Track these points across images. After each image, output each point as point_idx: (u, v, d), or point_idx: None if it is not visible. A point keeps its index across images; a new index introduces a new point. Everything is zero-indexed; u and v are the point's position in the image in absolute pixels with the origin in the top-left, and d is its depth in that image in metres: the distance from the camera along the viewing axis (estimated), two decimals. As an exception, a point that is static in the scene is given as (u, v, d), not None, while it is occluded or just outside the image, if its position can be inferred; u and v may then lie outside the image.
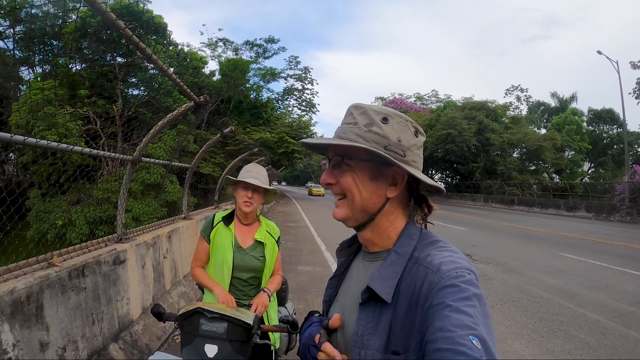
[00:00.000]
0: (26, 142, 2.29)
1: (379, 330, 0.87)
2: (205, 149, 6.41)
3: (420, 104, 52.58)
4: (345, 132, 0.95)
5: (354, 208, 0.96)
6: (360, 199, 0.95)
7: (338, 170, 0.98)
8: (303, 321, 1.22)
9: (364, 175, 0.95)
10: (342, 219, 1.00)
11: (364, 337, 0.89)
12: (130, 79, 22.74)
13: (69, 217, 15.58)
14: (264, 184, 2.34)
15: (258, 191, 2.36)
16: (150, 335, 3.85)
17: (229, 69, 28.50)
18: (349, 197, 0.96)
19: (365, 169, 0.95)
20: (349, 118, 0.97)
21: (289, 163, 36.64)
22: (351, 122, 0.96)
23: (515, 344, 4.42)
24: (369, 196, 0.95)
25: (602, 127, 45.75)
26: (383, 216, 0.97)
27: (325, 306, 1.15)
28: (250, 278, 2.37)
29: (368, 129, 0.93)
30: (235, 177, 2.40)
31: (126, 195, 4.09)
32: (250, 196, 2.33)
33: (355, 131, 0.93)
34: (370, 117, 0.94)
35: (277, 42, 33.37)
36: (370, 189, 0.95)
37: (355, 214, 0.97)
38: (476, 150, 37.82)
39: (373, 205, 0.96)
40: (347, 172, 0.96)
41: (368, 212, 0.97)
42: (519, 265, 8.39)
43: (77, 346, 2.75)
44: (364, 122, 0.94)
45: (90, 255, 3.18)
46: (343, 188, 0.97)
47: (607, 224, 19.41)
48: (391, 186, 0.96)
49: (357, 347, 0.89)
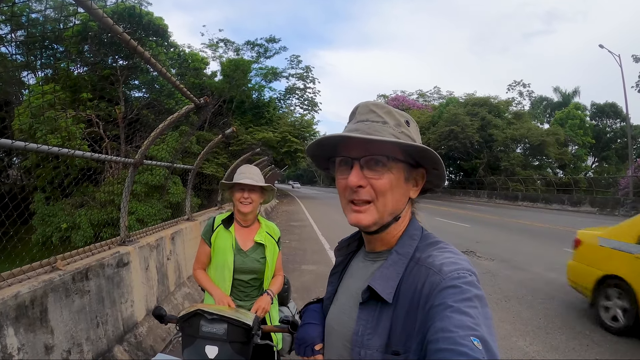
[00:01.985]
0: (27, 147, 2.31)
1: (380, 330, 0.87)
2: (207, 150, 6.41)
3: (423, 100, 52.59)
4: (377, 130, 0.89)
5: (385, 212, 0.92)
6: (392, 202, 0.92)
7: (370, 171, 0.91)
8: (301, 311, 1.23)
9: (400, 176, 0.92)
10: (369, 225, 0.93)
11: (364, 336, 0.88)
12: (132, 81, 22.82)
13: (73, 220, 15.65)
14: (259, 182, 2.36)
15: (254, 190, 2.38)
16: (154, 337, 3.87)
17: (231, 70, 28.57)
18: (380, 201, 0.91)
19: (402, 170, 0.92)
20: (371, 115, 0.92)
21: (292, 162, 36.71)
22: (379, 120, 0.91)
23: (519, 341, 4.42)
24: (400, 198, 0.94)
25: (605, 121, 45.54)
26: (402, 216, 0.98)
27: (327, 302, 1.14)
28: (252, 279, 2.39)
29: (399, 130, 0.91)
30: (231, 179, 2.41)
31: (128, 198, 4.10)
32: (247, 197, 2.34)
33: (390, 130, 0.89)
34: (397, 118, 0.93)
35: (278, 41, 33.57)
36: (403, 190, 0.94)
37: (384, 218, 0.93)
38: (479, 146, 37.75)
39: (401, 206, 0.96)
40: (385, 174, 0.90)
41: (395, 214, 0.95)
42: (523, 261, 8.38)
43: (81, 349, 2.76)
44: (393, 122, 0.91)
45: (94, 258, 3.20)
46: (378, 191, 0.90)
47: (611, 218, 19.31)
48: (414, 187, 0.97)
49: (357, 346, 0.89)
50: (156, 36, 22.37)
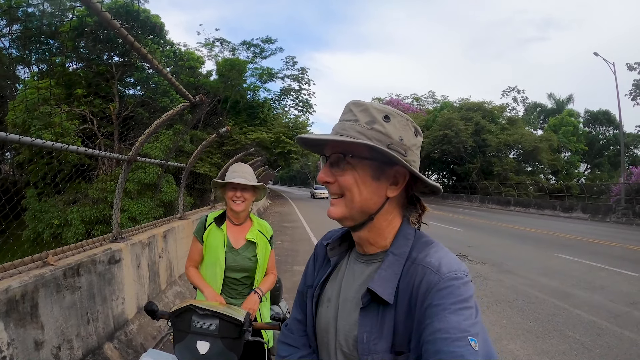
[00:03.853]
0: (21, 140, 2.29)
1: (385, 333, 0.87)
2: (201, 149, 6.39)
3: (417, 104, 52.68)
4: (345, 128, 0.92)
5: (353, 208, 0.94)
6: (360, 199, 0.93)
7: (337, 168, 0.95)
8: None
9: (366, 174, 0.92)
10: (338, 218, 0.96)
11: (370, 342, 0.88)
12: (127, 78, 22.72)
13: (65, 216, 15.55)
14: (251, 181, 2.37)
15: (247, 189, 2.38)
16: (145, 334, 3.85)
17: (226, 69, 28.48)
18: (347, 197, 0.94)
19: (368, 167, 0.92)
20: (348, 115, 0.94)
21: (286, 163, 36.64)
22: (351, 119, 0.93)
23: (510, 344, 4.44)
24: (370, 196, 0.93)
25: (598, 129, 45.94)
26: (381, 216, 0.96)
27: (310, 304, 1.10)
28: (243, 278, 2.39)
29: (370, 126, 0.90)
30: (224, 178, 2.41)
31: (121, 194, 4.08)
32: (239, 195, 2.35)
33: (357, 128, 0.90)
34: (372, 114, 0.92)
35: (274, 42, 33.50)
36: (372, 188, 0.93)
37: (354, 214, 0.95)
38: (473, 151, 37.90)
39: (373, 205, 0.94)
40: (348, 171, 0.93)
41: (367, 212, 0.94)
42: (515, 265, 8.42)
43: (71, 345, 2.74)
44: (365, 120, 0.91)
45: (86, 254, 3.18)
46: (342, 187, 0.93)
47: (603, 224, 19.49)
48: (392, 185, 0.95)
49: (364, 354, 0.88)
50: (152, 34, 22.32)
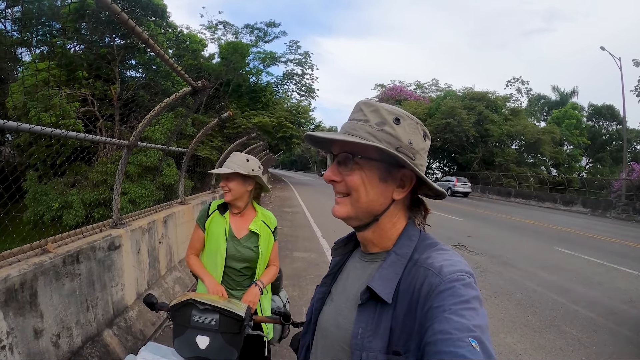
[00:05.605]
0: (19, 128, 2.26)
1: (380, 332, 0.87)
2: (202, 133, 6.34)
3: (420, 92, 52.41)
4: (355, 128, 0.92)
5: (359, 208, 0.94)
6: (366, 200, 0.93)
7: (344, 167, 0.95)
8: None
9: (373, 175, 0.93)
10: (343, 218, 0.97)
11: (364, 339, 0.88)
12: (129, 60, 22.56)
13: (65, 199, 15.55)
14: (237, 169, 2.25)
15: (231, 179, 2.29)
16: (144, 321, 3.86)
17: (229, 52, 28.31)
18: (353, 197, 0.94)
19: (376, 169, 0.93)
20: (358, 114, 0.94)
21: (287, 148, 36.64)
22: (361, 119, 0.93)
23: (507, 338, 4.46)
24: (376, 197, 0.94)
25: (601, 123, 45.64)
26: (386, 217, 0.96)
27: (318, 304, 1.13)
28: (244, 268, 2.35)
29: (380, 128, 0.90)
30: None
31: (122, 180, 4.06)
32: (223, 184, 2.29)
33: (367, 129, 0.90)
34: (383, 115, 0.91)
35: (277, 26, 33.24)
36: (378, 190, 0.93)
37: (359, 214, 0.96)
38: (475, 140, 37.77)
39: (379, 206, 0.95)
40: (356, 171, 0.93)
41: (373, 213, 0.95)
42: (514, 258, 8.44)
43: (71, 332, 2.75)
44: (375, 121, 0.91)
45: (85, 241, 3.17)
46: (349, 187, 0.94)
47: (602, 220, 19.52)
48: (398, 188, 0.95)
49: (357, 349, 0.88)
50: (155, 16, 22.08)
